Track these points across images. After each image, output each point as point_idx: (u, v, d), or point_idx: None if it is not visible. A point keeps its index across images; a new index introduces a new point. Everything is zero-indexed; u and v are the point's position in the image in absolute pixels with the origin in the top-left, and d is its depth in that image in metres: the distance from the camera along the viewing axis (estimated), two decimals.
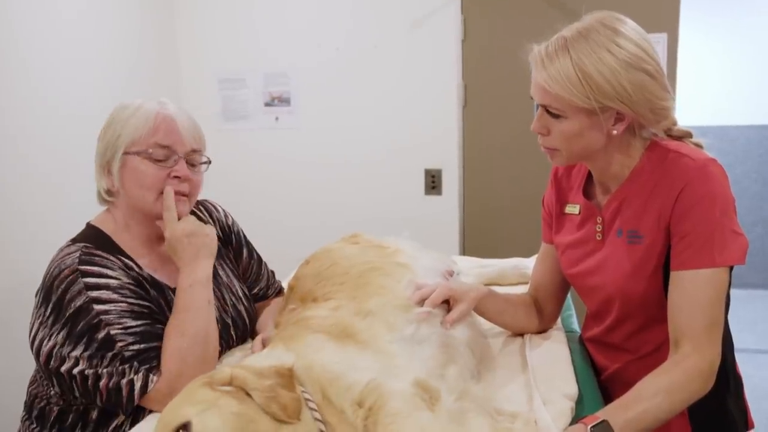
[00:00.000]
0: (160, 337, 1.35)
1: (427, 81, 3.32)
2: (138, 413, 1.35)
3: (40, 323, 1.38)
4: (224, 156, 3.58)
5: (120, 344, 1.30)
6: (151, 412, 1.33)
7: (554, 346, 1.53)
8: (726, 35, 5.29)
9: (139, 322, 1.34)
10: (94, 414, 1.40)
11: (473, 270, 2.02)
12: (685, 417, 1.38)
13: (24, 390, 1.53)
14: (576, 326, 1.74)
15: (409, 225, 3.36)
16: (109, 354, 1.30)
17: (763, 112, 5.32)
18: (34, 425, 1.47)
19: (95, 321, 1.31)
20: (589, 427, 1.10)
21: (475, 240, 3.47)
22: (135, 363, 1.31)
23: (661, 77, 1.29)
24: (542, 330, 1.62)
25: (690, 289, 1.24)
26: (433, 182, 3.43)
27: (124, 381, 1.30)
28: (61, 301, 1.34)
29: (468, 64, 3.28)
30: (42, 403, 1.46)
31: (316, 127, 3.48)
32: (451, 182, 3.41)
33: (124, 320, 1.32)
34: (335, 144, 3.48)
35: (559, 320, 1.68)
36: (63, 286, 1.34)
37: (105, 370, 1.30)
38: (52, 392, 1.42)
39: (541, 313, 1.62)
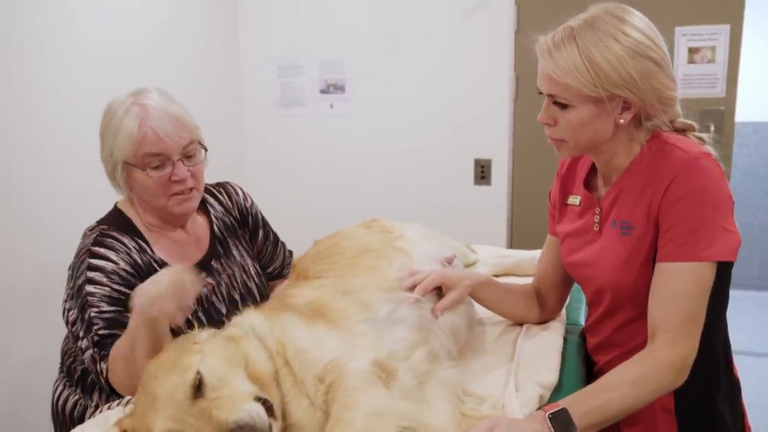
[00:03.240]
0: (125, 325, 1.38)
1: (479, 71, 3.32)
2: None
3: (68, 295, 1.53)
4: (281, 141, 3.74)
5: (95, 327, 1.41)
6: None
7: (548, 335, 1.54)
8: None
9: (111, 308, 1.42)
10: None
11: (491, 260, 2.04)
12: (672, 414, 1.37)
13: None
14: (582, 320, 1.73)
15: (458, 214, 3.42)
16: (89, 335, 1.41)
17: None
18: (66, 378, 1.65)
19: (84, 301, 1.43)
20: (547, 414, 1.12)
21: (523, 230, 3.46)
22: (97, 348, 1.40)
23: (667, 66, 1.29)
24: (543, 321, 1.63)
25: (671, 282, 1.23)
26: (482, 172, 3.44)
27: (96, 369, 1.41)
28: (75, 278, 1.48)
29: (521, 56, 3.25)
30: (69, 360, 1.62)
31: (369, 114, 3.54)
32: (500, 173, 3.41)
33: (102, 305, 1.42)
34: (387, 131, 3.53)
35: (563, 312, 1.68)
36: (78, 264, 1.48)
37: (90, 355, 1.42)
38: (79, 351, 1.56)
39: (543, 304, 1.62)
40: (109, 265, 1.46)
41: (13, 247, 2.18)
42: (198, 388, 1.04)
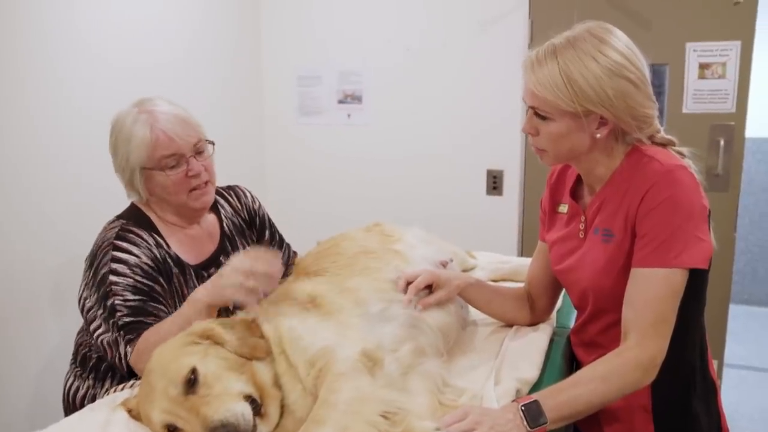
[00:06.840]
0: (149, 313, 1.52)
1: (492, 83, 3.40)
2: None
3: (86, 284, 1.64)
4: (299, 148, 3.85)
5: (118, 314, 1.51)
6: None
7: (535, 335, 1.61)
8: None
9: (135, 298, 1.53)
10: None
11: (491, 265, 2.12)
12: (649, 414, 1.43)
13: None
14: (572, 324, 1.80)
15: (470, 223, 3.50)
16: (111, 321, 1.52)
17: None
18: (78, 368, 1.75)
19: (108, 290, 1.53)
20: (520, 405, 1.20)
21: (533, 240, 3.45)
22: (122, 332, 1.50)
23: (644, 86, 1.36)
24: (533, 323, 1.70)
25: (643, 286, 1.30)
26: (494, 183, 3.51)
27: (118, 351, 1.51)
28: (96, 268, 1.58)
29: None
30: (84, 350, 1.73)
31: (385, 124, 3.64)
32: (512, 184, 3.48)
33: (126, 294, 1.53)
34: (402, 141, 3.62)
35: (554, 315, 1.75)
36: (100, 256, 1.59)
37: (108, 337, 1.52)
38: (93, 342, 1.67)
39: (533, 307, 1.70)
40: (132, 259, 1.57)
41: (35, 243, 2.30)
42: (191, 385, 1.13)
